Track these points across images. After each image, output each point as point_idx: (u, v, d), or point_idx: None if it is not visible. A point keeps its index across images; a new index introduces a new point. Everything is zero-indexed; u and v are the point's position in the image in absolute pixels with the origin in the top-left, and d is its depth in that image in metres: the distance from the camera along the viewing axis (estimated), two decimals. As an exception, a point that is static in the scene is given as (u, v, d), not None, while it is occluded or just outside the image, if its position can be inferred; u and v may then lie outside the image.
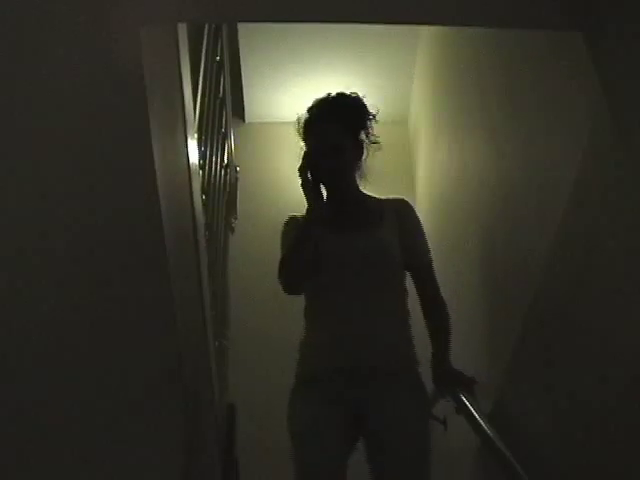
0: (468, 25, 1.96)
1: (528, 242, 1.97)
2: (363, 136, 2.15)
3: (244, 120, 4.13)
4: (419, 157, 3.77)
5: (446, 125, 3.19)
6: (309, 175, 2.04)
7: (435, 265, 2.19)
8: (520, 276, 2.04)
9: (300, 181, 2.05)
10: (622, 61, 1.27)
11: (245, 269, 3.50)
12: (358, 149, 2.14)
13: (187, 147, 1.83)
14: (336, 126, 2.09)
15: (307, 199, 2.03)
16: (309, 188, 2.04)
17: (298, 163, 2.07)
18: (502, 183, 2.25)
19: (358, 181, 2.16)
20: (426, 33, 3.65)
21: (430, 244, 2.20)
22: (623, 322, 1.41)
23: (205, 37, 2.59)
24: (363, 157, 2.16)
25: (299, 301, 3.46)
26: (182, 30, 1.69)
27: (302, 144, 2.16)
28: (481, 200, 2.51)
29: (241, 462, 2.62)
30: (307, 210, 2.03)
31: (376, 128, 2.16)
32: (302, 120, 2.16)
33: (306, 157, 2.08)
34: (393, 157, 3.95)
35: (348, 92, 2.16)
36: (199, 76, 2.41)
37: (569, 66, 1.60)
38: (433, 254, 2.20)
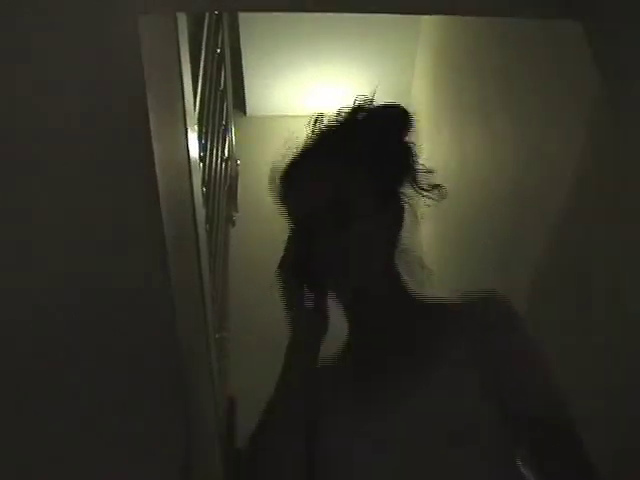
0: (465, 14, 1.95)
1: (527, 235, 1.97)
2: (406, 187, 1.13)
3: (245, 113, 4.12)
4: (419, 150, 3.76)
5: (446, 118, 3.19)
6: (296, 277, 1.09)
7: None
8: (519, 270, 2.04)
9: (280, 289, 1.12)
10: (621, 51, 1.27)
11: (246, 262, 3.50)
12: (395, 211, 1.12)
13: (187, 140, 1.83)
14: (341, 162, 1.09)
15: (292, 329, 1.10)
16: (294, 303, 1.11)
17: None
18: (501, 176, 2.24)
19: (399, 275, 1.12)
20: (427, 25, 3.64)
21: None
22: (623, 318, 1.40)
23: (205, 28, 2.58)
24: (402, 230, 1.11)
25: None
26: (182, 21, 1.69)
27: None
28: (481, 193, 2.51)
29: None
30: (287, 355, 1.09)
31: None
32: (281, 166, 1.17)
33: (291, 243, 1.12)
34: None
35: (368, 100, 1.16)
36: (199, 68, 2.41)
37: (569, 56, 1.60)
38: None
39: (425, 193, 1.13)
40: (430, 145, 3.54)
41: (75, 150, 1.16)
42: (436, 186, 1.14)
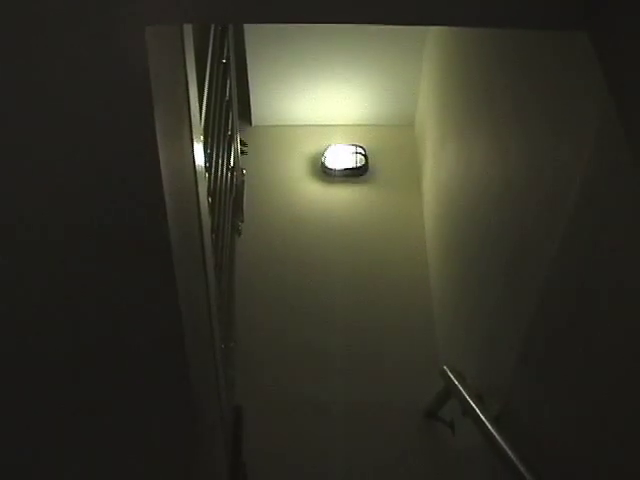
0: (470, 25, 1.95)
1: (534, 243, 1.97)
2: None
3: (251, 124, 4.13)
4: (426, 160, 3.77)
5: (452, 128, 3.19)
6: None
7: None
8: (526, 277, 2.03)
9: None
10: (629, 60, 1.27)
11: (252, 271, 3.51)
12: None
13: (193, 150, 1.83)
14: None
15: None
16: None
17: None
18: (508, 185, 2.24)
19: None
20: (432, 36, 3.65)
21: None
22: (627, 323, 1.40)
23: (211, 39, 2.59)
24: None
25: (306, 303, 3.46)
26: (188, 31, 1.70)
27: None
28: (487, 202, 2.51)
29: (248, 464, 2.62)
30: None
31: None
32: None
33: None
34: (400, 160, 3.95)
35: None
36: (205, 78, 2.42)
37: (576, 66, 1.60)
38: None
39: None
40: (436, 156, 3.54)
41: (81, 161, 1.16)
42: None
